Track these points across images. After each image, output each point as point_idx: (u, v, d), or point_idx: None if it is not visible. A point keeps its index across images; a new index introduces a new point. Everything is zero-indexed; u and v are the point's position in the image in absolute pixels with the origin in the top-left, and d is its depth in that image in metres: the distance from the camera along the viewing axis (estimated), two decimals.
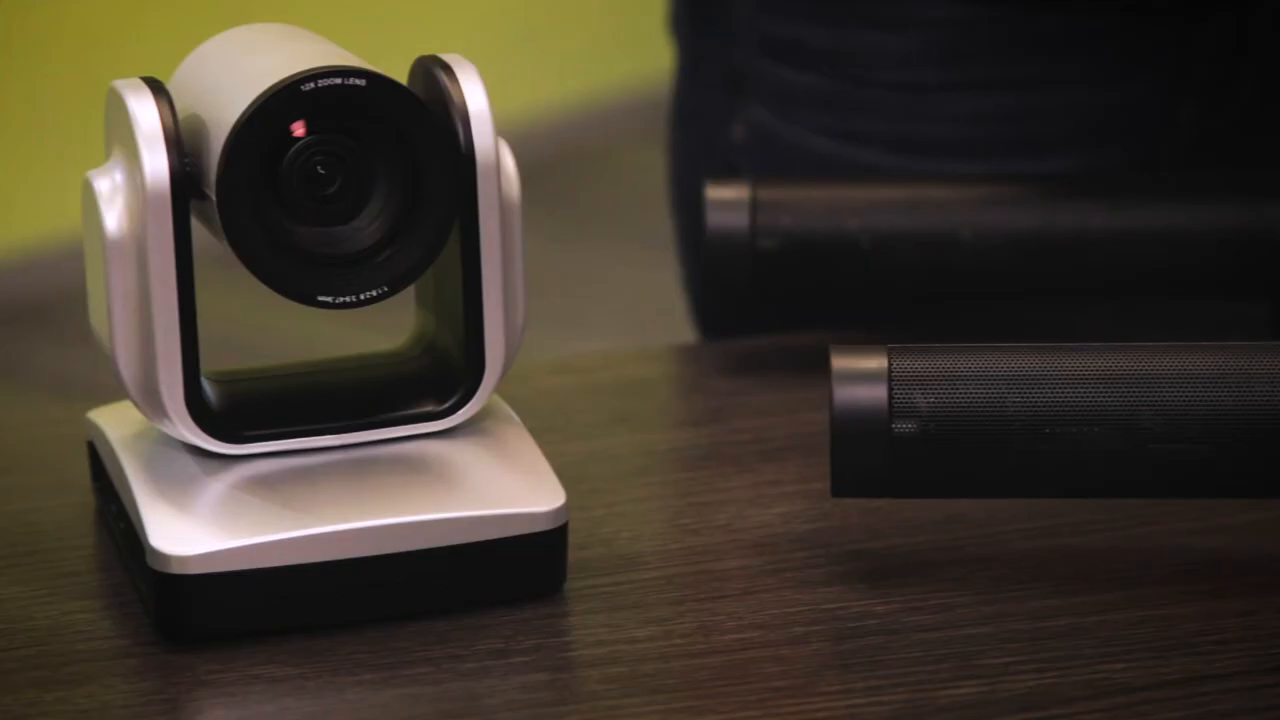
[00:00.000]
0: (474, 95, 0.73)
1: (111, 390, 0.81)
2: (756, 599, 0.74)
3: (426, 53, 0.75)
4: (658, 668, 0.70)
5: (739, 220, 0.91)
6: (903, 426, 0.72)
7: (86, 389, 2.37)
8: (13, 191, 2.76)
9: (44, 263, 2.73)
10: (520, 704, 0.69)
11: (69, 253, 2.71)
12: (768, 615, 0.73)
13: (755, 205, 0.91)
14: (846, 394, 0.72)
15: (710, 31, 1.06)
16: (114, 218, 0.73)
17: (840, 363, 0.73)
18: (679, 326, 1.13)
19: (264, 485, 0.73)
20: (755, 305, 0.92)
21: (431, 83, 0.74)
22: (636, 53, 3.22)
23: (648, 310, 2.63)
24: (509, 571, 0.74)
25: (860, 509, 0.79)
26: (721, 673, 0.70)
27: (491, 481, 0.75)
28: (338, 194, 0.73)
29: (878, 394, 0.72)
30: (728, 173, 0.96)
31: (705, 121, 1.07)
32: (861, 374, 0.72)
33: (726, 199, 0.91)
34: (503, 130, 0.74)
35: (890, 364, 0.72)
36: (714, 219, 0.91)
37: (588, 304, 2.74)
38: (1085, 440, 0.72)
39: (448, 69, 0.74)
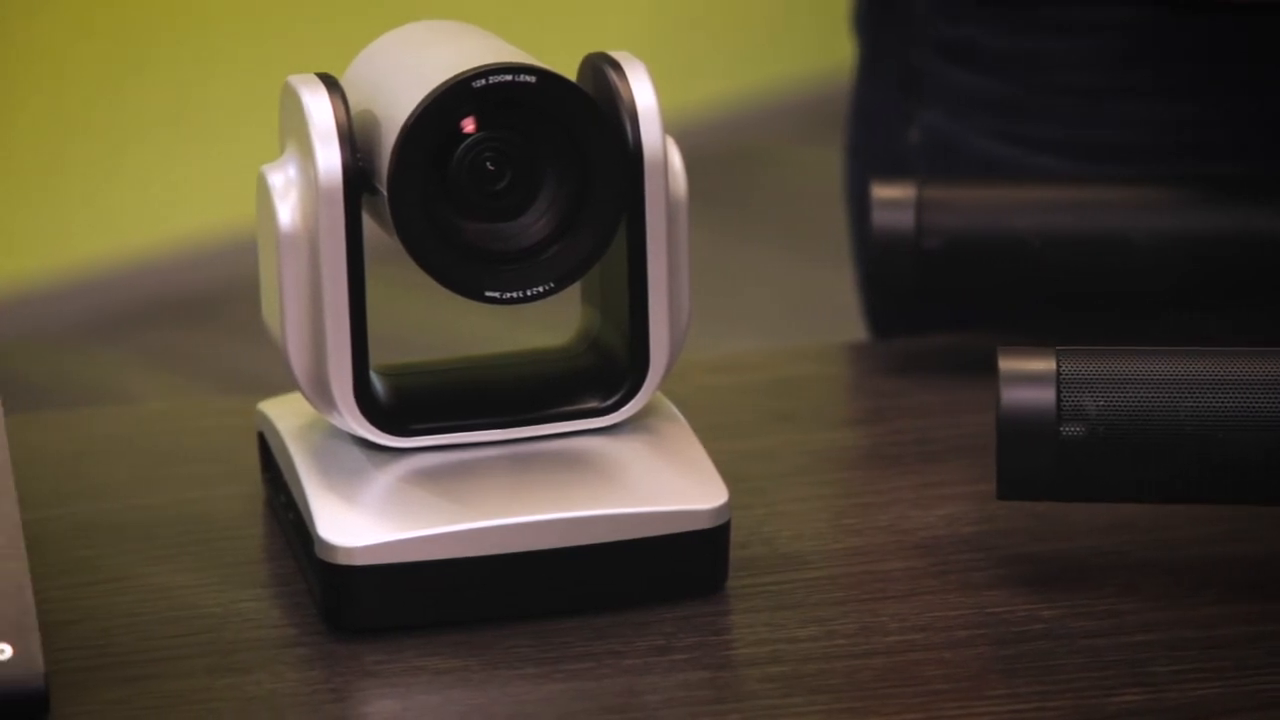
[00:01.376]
0: (643, 93, 0.74)
1: (277, 382, 0.82)
2: (919, 601, 0.74)
3: (593, 48, 0.76)
4: (819, 668, 0.70)
5: (904, 219, 0.90)
6: (1071, 429, 0.71)
7: (253, 381, 2.40)
8: (182, 186, 2.80)
9: (212, 256, 2.77)
10: (680, 701, 0.69)
11: (236, 246, 2.76)
12: (931, 618, 0.73)
13: (921, 204, 0.90)
14: (1014, 396, 0.71)
15: (889, 31, 1.06)
16: (287, 212, 0.74)
17: (1008, 364, 0.72)
18: (849, 326, 1.13)
19: (429, 479, 0.74)
20: (919, 305, 0.91)
21: (601, 80, 0.75)
22: (806, 48, 3.21)
23: (814, 309, 2.62)
24: (670, 568, 0.74)
25: (1025, 512, 0.78)
26: (884, 674, 0.70)
27: (654, 478, 0.75)
28: (506, 190, 0.73)
29: (1046, 396, 0.71)
30: (902, 175, 0.95)
31: (883, 122, 1.07)
32: (1029, 376, 0.72)
33: (892, 198, 0.91)
34: (669, 126, 0.74)
35: (1059, 366, 0.72)
36: (879, 218, 0.90)
37: (752, 302, 2.73)
38: (1256, 446, 0.71)
39: (617, 66, 0.74)
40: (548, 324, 0.96)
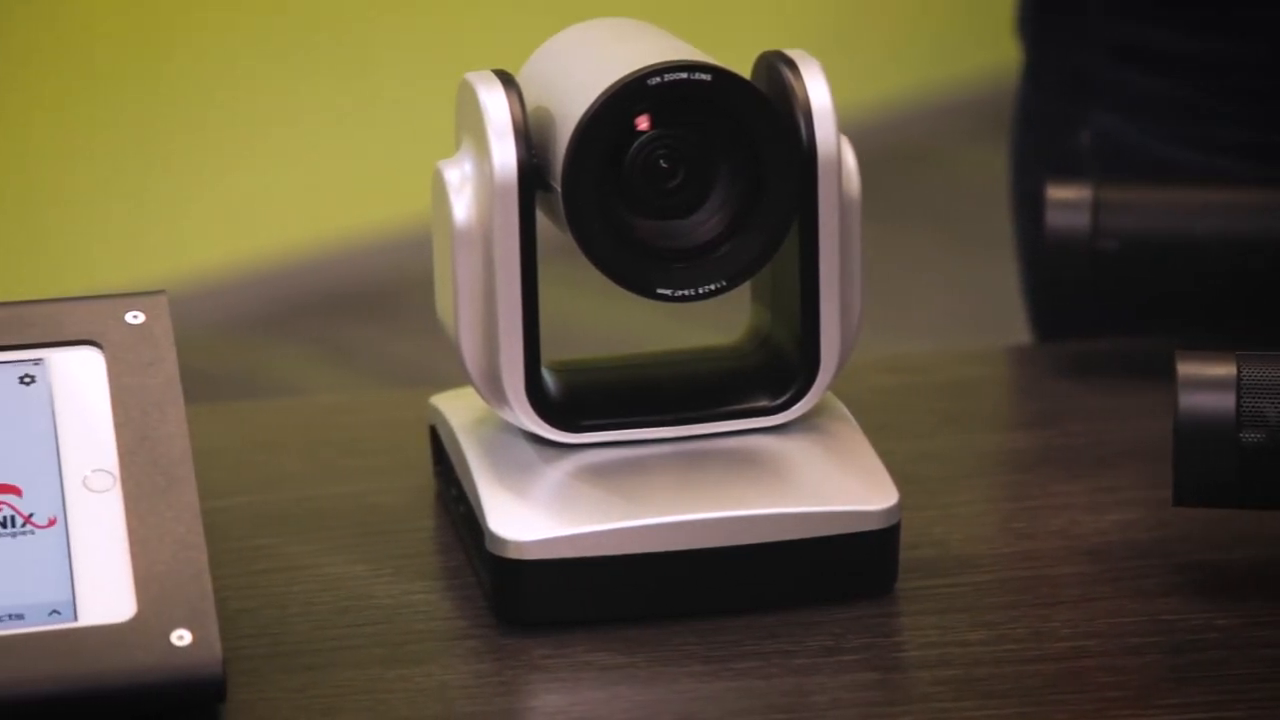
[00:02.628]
0: (818, 91, 0.73)
1: (444, 376, 0.82)
2: (1091, 607, 0.73)
3: (761, 44, 0.76)
4: (990, 672, 0.70)
5: (1079, 220, 0.89)
6: (1251, 436, 0.70)
7: (420, 375, 2.42)
8: (354, 180, 2.83)
9: (382, 250, 2.80)
10: (849, 702, 0.69)
11: (406, 240, 2.78)
12: (1103, 624, 0.72)
13: (1097, 206, 0.89)
14: (1192, 401, 0.70)
15: (1057, 33, 1.05)
16: (462, 207, 0.74)
17: (1186, 368, 0.71)
18: (1011, 328, 1.12)
19: (599, 475, 0.74)
20: (1093, 307, 0.90)
21: (775, 78, 0.74)
22: (971, 48, 3.19)
23: (979, 311, 2.60)
24: (840, 569, 0.73)
25: (1201, 519, 0.77)
26: (1055, 680, 0.69)
27: (824, 478, 0.75)
28: (679, 188, 0.73)
29: (1225, 402, 0.70)
30: (1073, 177, 0.94)
31: (1050, 125, 1.06)
32: (1209, 381, 0.71)
33: (1067, 199, 0.90)
34: (841, 125, 0.74)
35: (1239, 371, 0.71)
36: (1053, 219, 0.90)
37: (918, 303, 2.72)
38: None
39: (792, 64, 0.74)
40: (713, 321, 0.96)
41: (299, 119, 2.80)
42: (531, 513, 0.73)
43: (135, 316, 0.73)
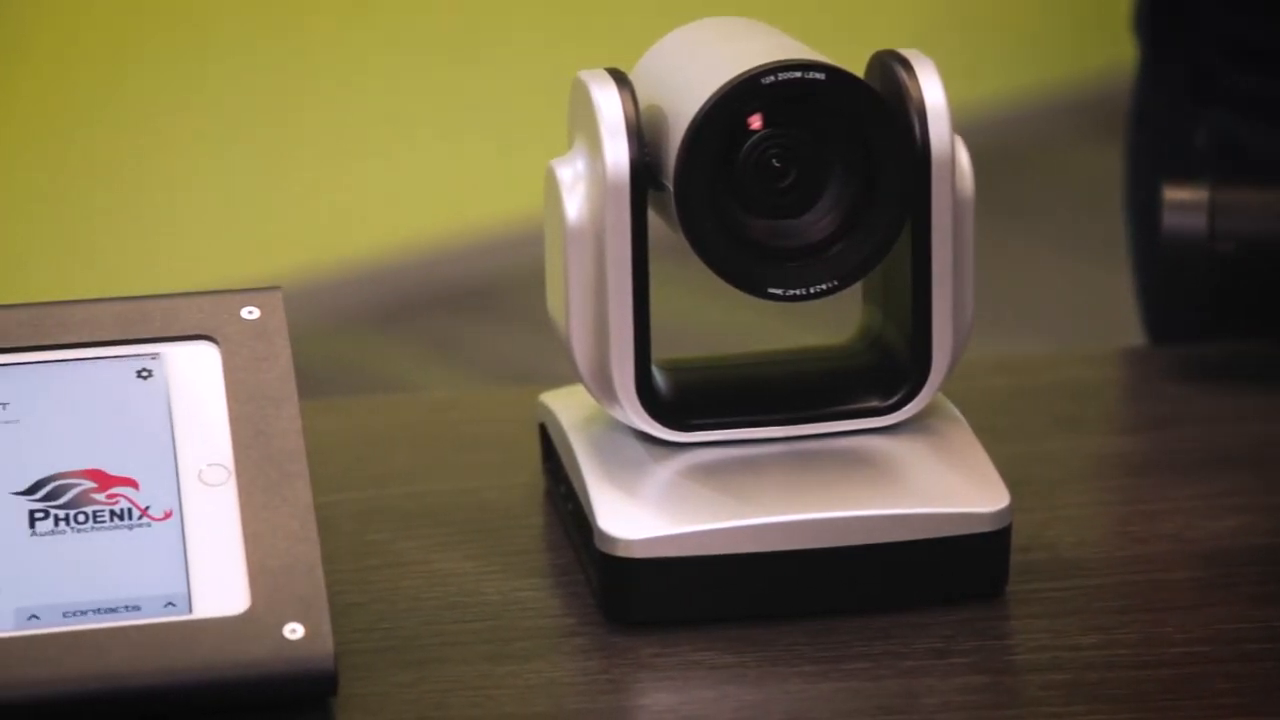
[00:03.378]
0: (932, 90, 0.73)
1: (550, 373, 0.83)
2: (1206, 613, 0.72)
3: (875, 44, 0.75)
4: (1102, 676, 0.69)
5: (1196, 222, 0.88)
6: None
7: (526, 372, 2.43)
8: (461, 177, 2.84)
9: (489, 247, 2.81)
10: (959, 705, 0.68)
11: (512, 238, 2.79)
12: (1218, 630, 0.71)
13: (1214, 207, 0.88)
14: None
15: (1174, 32, 1.04)
16: (574, 205, 0.74)
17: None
18: (1125, 329, 1.11)
19: (709, 474, 0.74)
20: (1210, 310, 0.89)
21: (889, 77, 0.74)
22: (1087, 47, 3.16)
23: (1091, 312, 2.58)
24: (949, 571, 0.73)
25: None
26: (1169, 686, 0.68)
27: (935, 480, 0.74)
28: (792, 187, 0.73)
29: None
30: (1188, 178, 0.93)
31: (1166, 125, 1.05)
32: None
33: (1184, 200, 0.89)
34: (954, 124, 0.73)
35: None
36: (1170, 221, 0.89)
37: (1031, 303, 2.70)
38: None
39: (906, 64, 0.74)
40: (817, 321, 0.96)
41: (410, 116, 2.82)
42: (640, 511, 0.73)
43: (250, 312, 0.73)
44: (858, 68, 0.74)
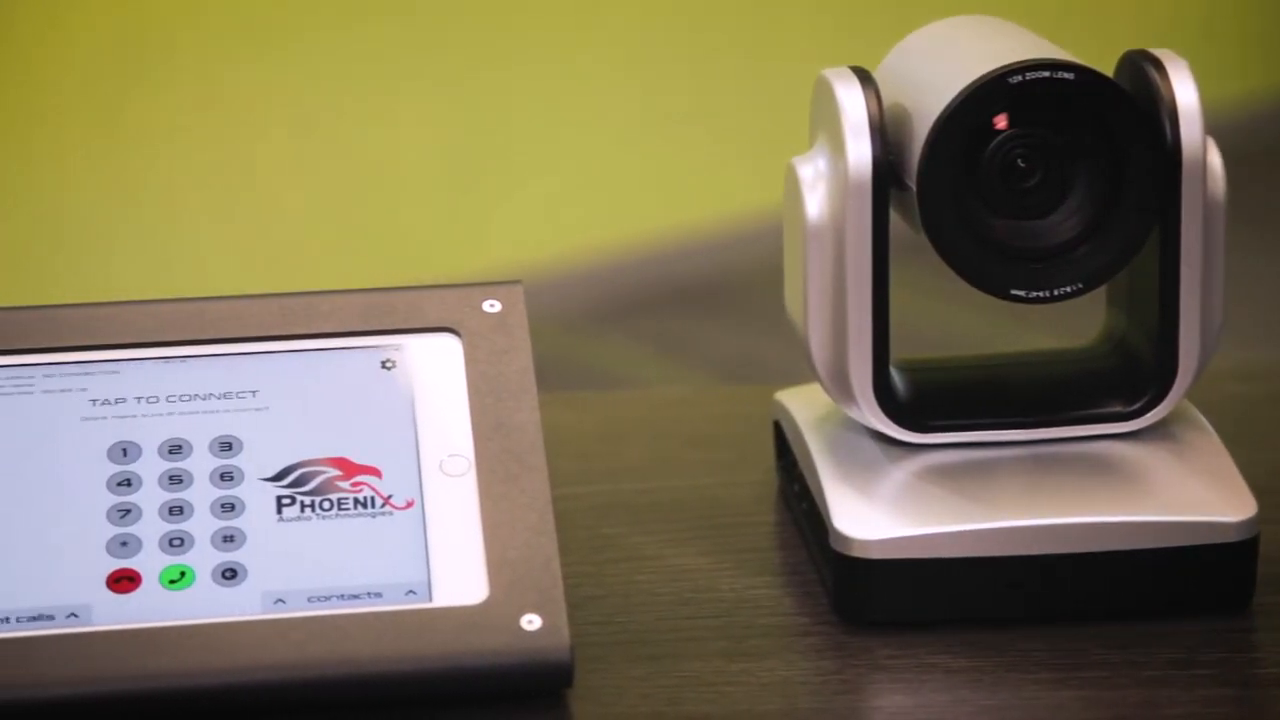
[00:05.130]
0: (1184, 92, 0.72)
1: (774, 371, 0.82)
2: None
3: (1125, 43, 0.74)
4: None
5: None
6: None
7: (748, 370, 2.43)
8: (689, 174, 2.85)
9: (715, 244, 2.81)
10: (1202, 717, 0.67)
11: (741, 235, 2.79)
12: None
13: None
14: None
15: None
16: (815, 203, 0.74)
17: None
18: None
19: (946, 476, 0.74)
20: None
21: (1139, 77, 0.73)
22: None
23: None
24: (1193, 581, 0.72)
25: None
26: None
27: (1179, 487, 0.73)
28: (1037, 188, 0.72)
29: None
30: None
31: None
32: None
33: None
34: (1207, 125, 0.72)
35: None
36: None
37: (1271, 310, 2.65)
38: None
39: (1158, 64, 0.73)
40: (1052, 324, 0.95)
41: (645, 113, 2.83)
42: (876, 512, 0.73)
43: (492, 305, 0.74)
44: (1106, 68, 0.73)
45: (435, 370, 0.73)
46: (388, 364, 0.73)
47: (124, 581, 0.68)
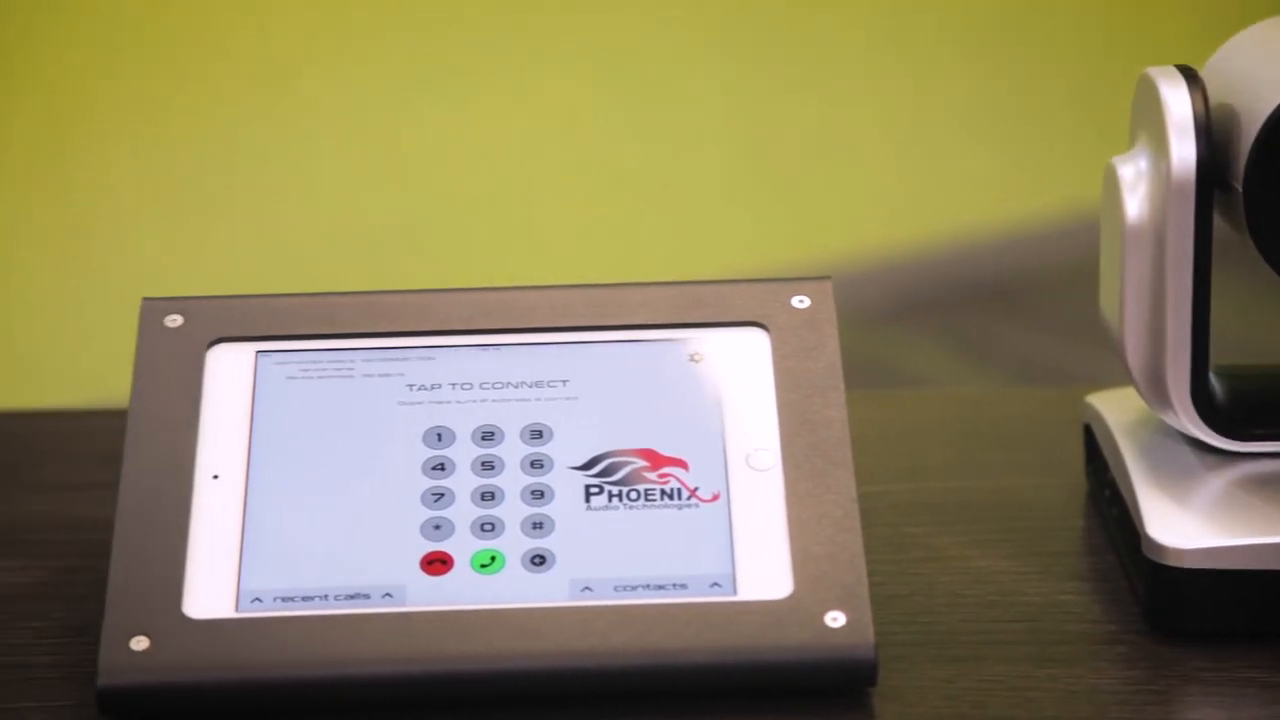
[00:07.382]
0: None
1: (1068, 373, 0.80)
2: None
3: None
4: None
5: None
6: None
7: (1039, 372, 2.39)
8: (988, 173, 2.82)
9: (1017, 244, 2.78)
10: None
11: (1043, 234, 2.76)
12: None
13: None
14: None
15: None
16: (1135, 204, 0.72)
17: None
18: None
19: (1266, 485, 0.72)
20: None
21: None
22: None
23: None
24: None
25: None
26: None
27: None
28: None
29: None
30: None
31: None
32: None
33: None
34: None
35: None
36: None
37: None
38: None
39: None
40: None
41: (936, 111, 2.80)
42: (1192, 520, 0.71)
43: (801, 300, 0.74)
44: None
45: (742, 364, 0.73)
46: (695, 357, 0.73)
47: (437, 564, 0.69)
